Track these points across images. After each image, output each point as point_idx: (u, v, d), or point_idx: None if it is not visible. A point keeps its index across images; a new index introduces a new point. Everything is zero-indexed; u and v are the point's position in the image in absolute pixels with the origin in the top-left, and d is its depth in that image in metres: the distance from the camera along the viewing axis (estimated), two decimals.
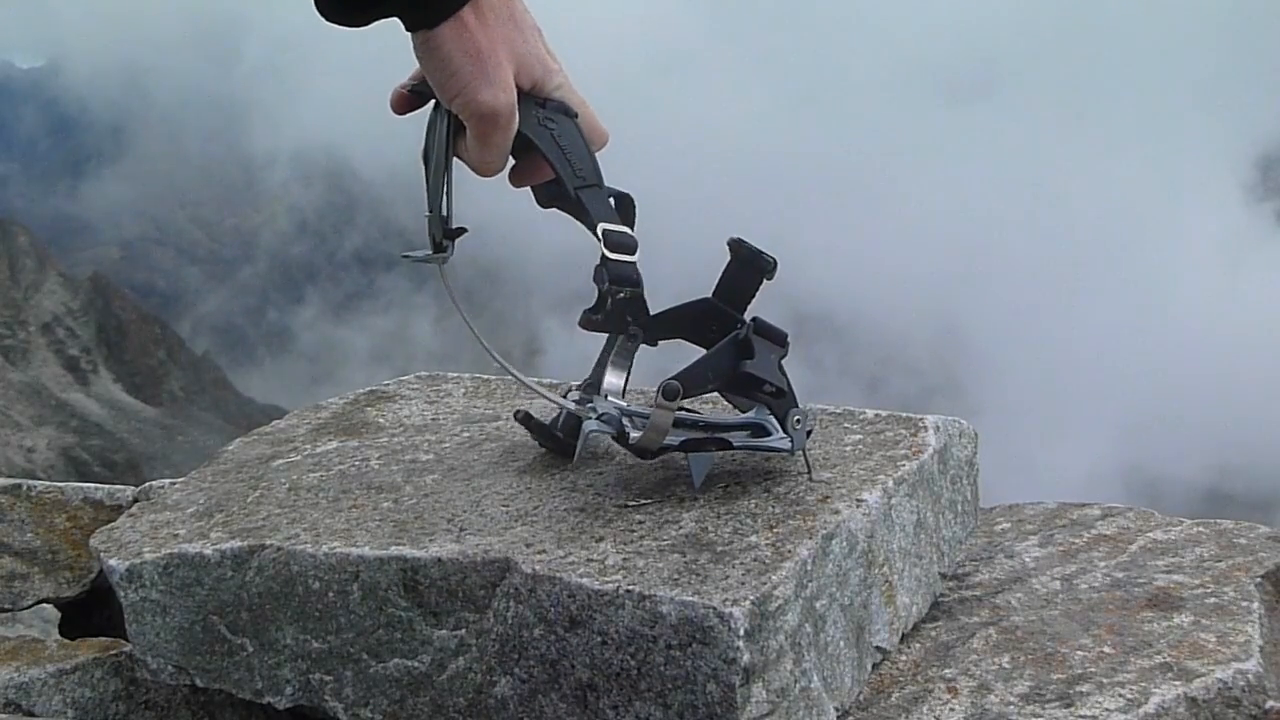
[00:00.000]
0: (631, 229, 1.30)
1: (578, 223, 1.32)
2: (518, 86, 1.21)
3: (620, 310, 1.31)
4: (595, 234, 1.26)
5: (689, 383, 1.25)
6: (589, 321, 1.32)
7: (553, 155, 1.26)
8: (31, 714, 1.73)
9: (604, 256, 1.26)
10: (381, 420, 1.80)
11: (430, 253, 1.29)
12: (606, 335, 1.41)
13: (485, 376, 1.95)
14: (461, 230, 1.29)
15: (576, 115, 1.28)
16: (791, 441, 1.30)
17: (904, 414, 1.54)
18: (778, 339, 1.30)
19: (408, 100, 1.27)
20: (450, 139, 1.25)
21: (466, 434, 1.68)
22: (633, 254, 1.28)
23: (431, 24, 1.15)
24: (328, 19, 1.16)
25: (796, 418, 1.29)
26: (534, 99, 1.25)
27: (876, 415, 1.54)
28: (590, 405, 1.35)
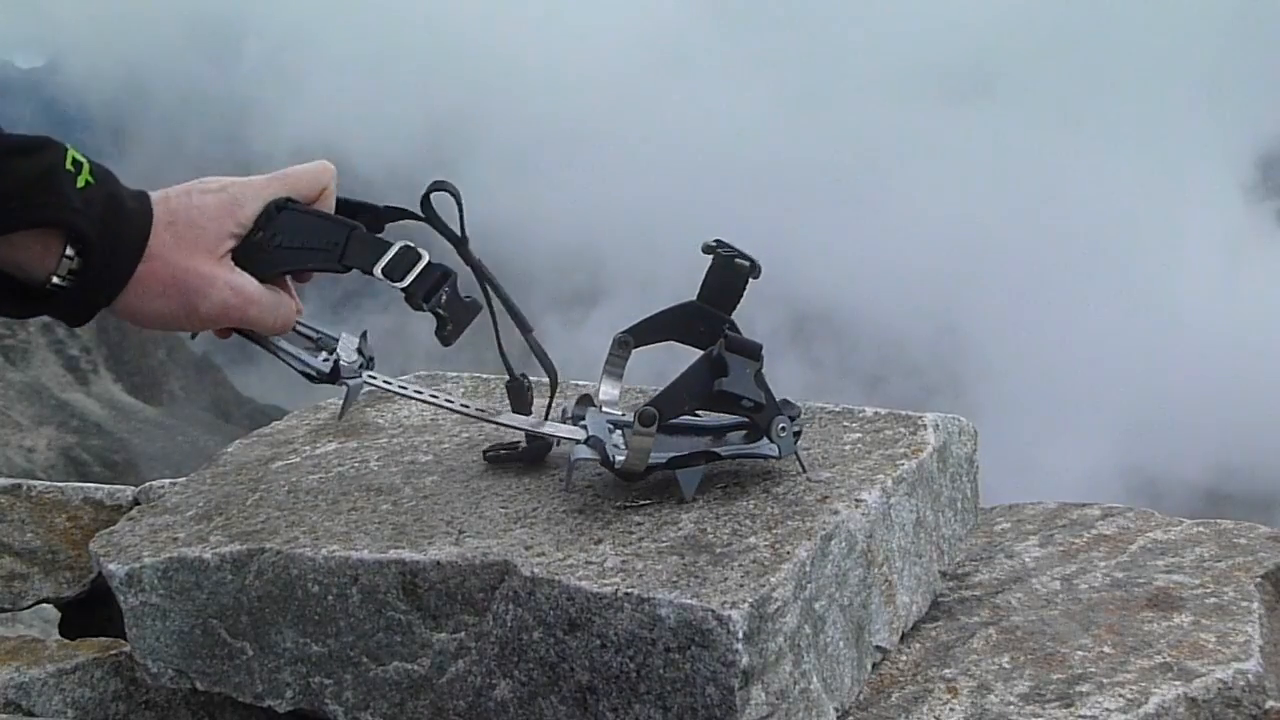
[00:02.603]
0: (460, 216, 1.27)
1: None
2: (227, 253, 1.15)
3: (455, 305, 1.25)
4: (377, 278, 1.22)
5: (665, 407, 1.26)
6: (447, 338, 1.27)
7: (301, 260, 1.21)
8: (31, 714, 1.73)
9: (402, 290, 1.22)
10: (381, 421, 1.79)
11: (342, 400, 1.30)
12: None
13: (485, 376, 1.95)
14: (335, 373, 1.27)
15: (286, 200, 1.21)
16: (779, 450, 1.30)
17: (903, 412, 1.54)
18: (751, 352, 1.28)
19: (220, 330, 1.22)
20: (248, 335, 1.23)
21: (465, 434, 1.67)
22: (421, 259, 1.23)
23: (108, 301, 1.09)
24: None
25: (780, 425, 1.29)
26: (249, 241, 1.18)
27: (875, 413, 1.54)
28: (582, 423, 1.35)
